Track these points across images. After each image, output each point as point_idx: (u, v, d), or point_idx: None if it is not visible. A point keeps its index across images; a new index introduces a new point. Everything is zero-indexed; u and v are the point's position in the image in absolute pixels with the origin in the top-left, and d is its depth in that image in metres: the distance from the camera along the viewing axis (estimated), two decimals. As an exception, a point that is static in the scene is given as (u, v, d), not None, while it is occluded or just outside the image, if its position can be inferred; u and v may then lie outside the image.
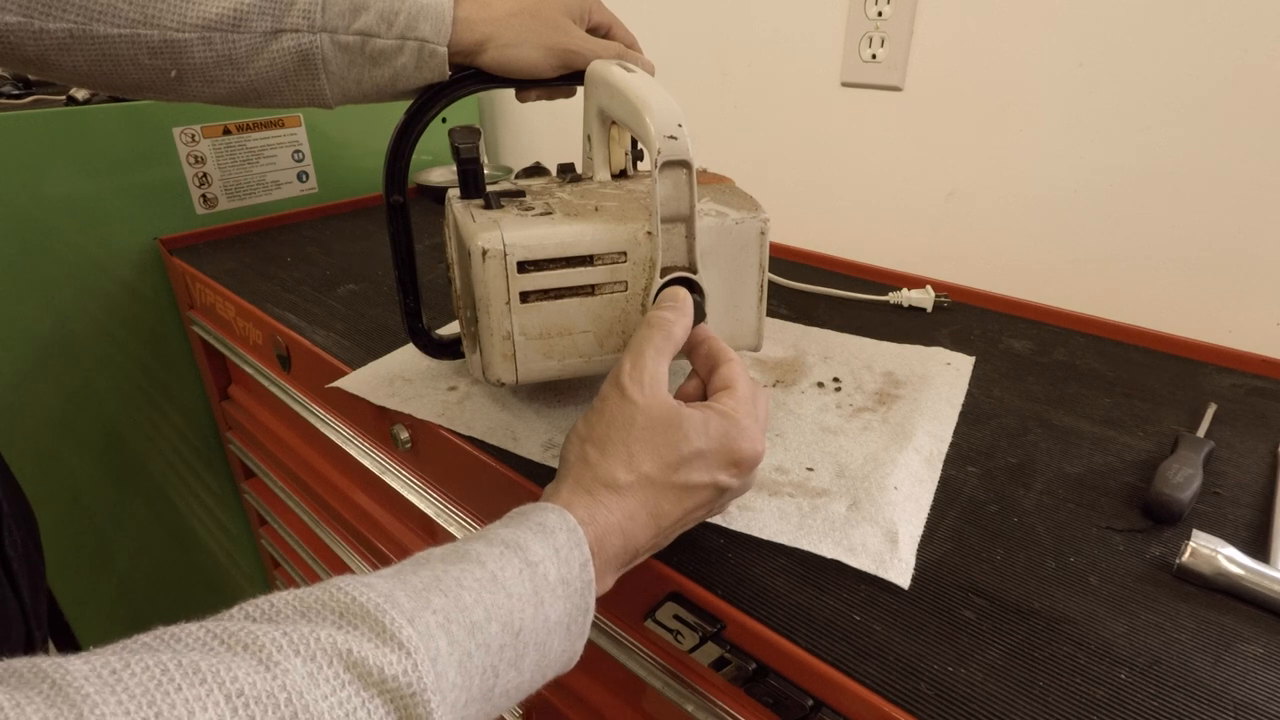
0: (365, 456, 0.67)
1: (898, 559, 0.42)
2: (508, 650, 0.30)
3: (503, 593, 0.30)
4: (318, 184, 1.12)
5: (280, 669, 0.22)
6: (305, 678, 0.23)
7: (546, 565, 0.32)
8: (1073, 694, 0.34)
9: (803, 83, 0.91)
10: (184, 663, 0.21)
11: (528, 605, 0.31)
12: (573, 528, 0.34)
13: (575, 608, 0.33)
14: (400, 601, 0.26)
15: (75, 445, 0.98)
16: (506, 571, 0.31)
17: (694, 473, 0.37)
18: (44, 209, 0.88)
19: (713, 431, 0.38)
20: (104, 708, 0.19)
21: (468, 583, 0.29)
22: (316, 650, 0.24)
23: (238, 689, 0.21)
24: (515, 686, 0.31)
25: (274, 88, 0.47)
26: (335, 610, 0.26)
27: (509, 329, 0.45)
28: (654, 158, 0.41)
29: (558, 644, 0.33)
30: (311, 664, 0.23)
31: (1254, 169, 0.65)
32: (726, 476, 0.38)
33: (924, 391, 0.59)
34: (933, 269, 0.83)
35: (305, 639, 0.24)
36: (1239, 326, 0.70)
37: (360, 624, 0.25)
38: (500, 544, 0.32)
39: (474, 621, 0.28)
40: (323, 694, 0.23)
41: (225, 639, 0.23)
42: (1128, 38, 0.68)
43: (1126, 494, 0.48)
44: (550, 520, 0.34)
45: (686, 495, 0.38)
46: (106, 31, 0.42)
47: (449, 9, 0.47)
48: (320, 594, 0.26)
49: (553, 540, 0.33)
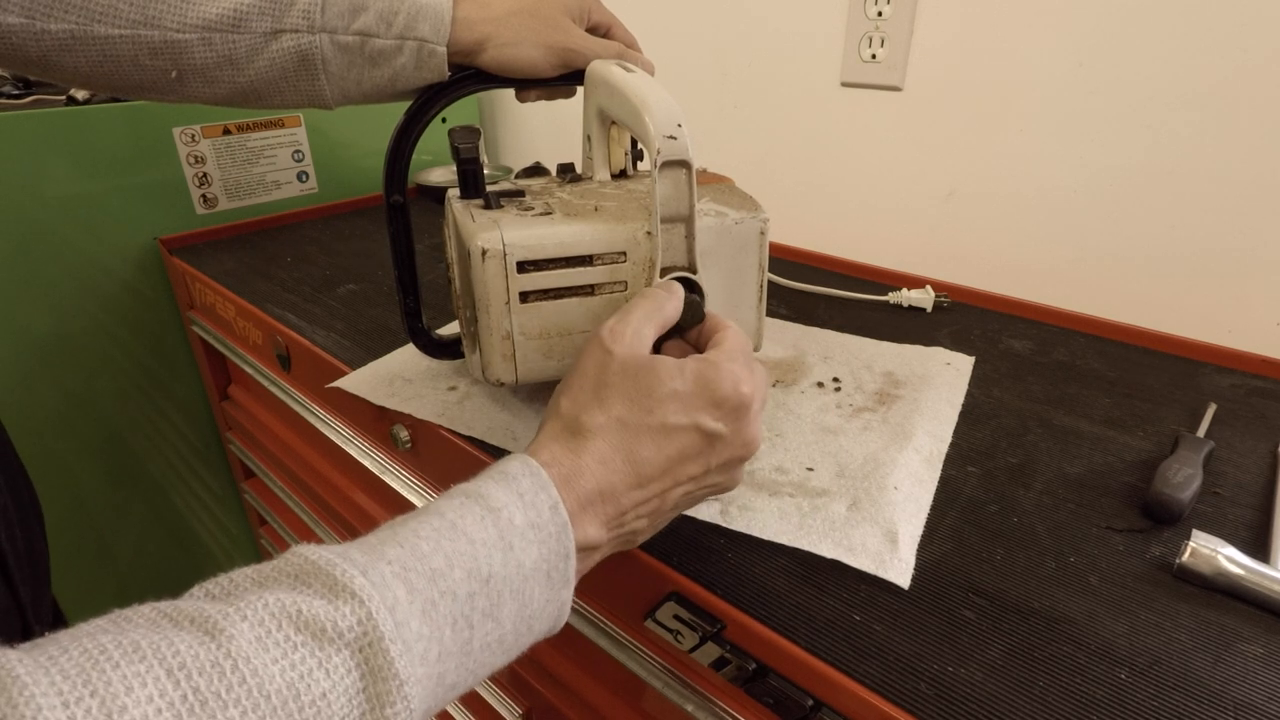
0: (365, 456, 0.67)
1: (898, 559, 0.42)
2: (479, 598, 0.29)
3: (464, 539, 0.29)
4: (318, 184, 1.12)
5: (225, 636, 0.22)
6: (253, 642, 0.22)
7: (511, 510, 0.31)
8: (1073, 694, 0.34)
9: (802, 83, 0.91)
10: (124, 641, 0.21)
11: (495, 551, 0.29)
12: (535, 471, 0.32)
13: (552, 552, 0.31)
14: (353, 555, 0.26)
15: (75, 445, 0.98)
16: (466, 519, 0.30)
17: (670, 414, 0.36)
18: (44, 209, 0.88)
19: (689, 373, 0.36)
20: (34, 689, 0.19)
21: (425, 532, 0.29)
22: (265, 615, 0.23)
23: (179, 661, 0.21)
24: (498, 640, 0.30)
25: (274, 88, 0.47)
26: (289, 574, 0.25)
27: (508, 329, 0.45)
28: (653, 158, 0.41)
29: (539, 592, 0.31)
30: (260, 628, 0.23)
31: (1254, 169, 0.65)
32: (710, 420, 0.36)
33: (924, 391, 0.59)
34: (933, 269, 0.83)
35: (253, 605, 0.23)
36: (1239, 326, 0.70)
37: (313, 581, 0.25)
38: (460, 495, 0.31)
39: (434, 569, 0.27)
40: (272, 657, 0.22)
41: (173, 615, 0.23)
42: (1127, 37, 0.68)
43: (1126, 494, 0.48)
44: (512, 467, 0.33)
45: (666, 439, 0.36)
46: (107, 32, 0.42)
47: (448, 9, 0.47)
48: (277, 562, 0.26)
49: (515, 485, 0.32)
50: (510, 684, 0.62)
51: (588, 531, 0.34)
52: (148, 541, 1.09)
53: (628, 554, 0.43)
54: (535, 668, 0.58)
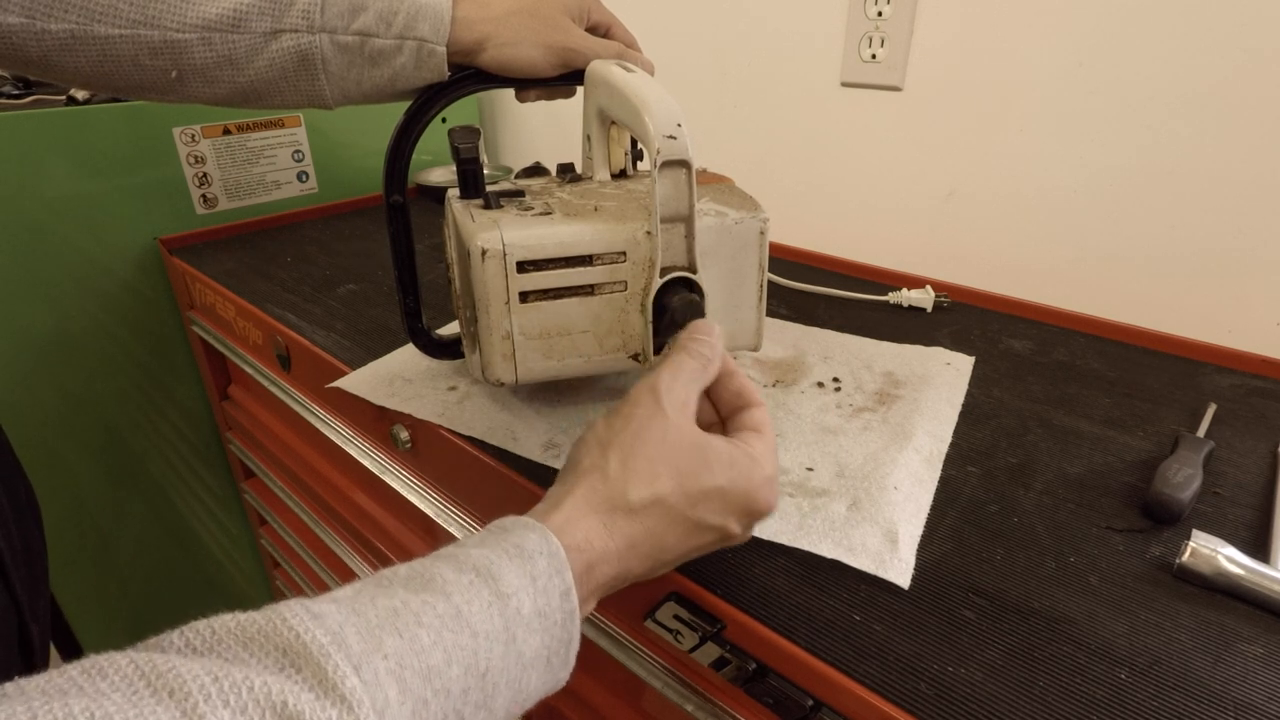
0: (365, 456, 0.67)
1: (898, 559, 0.42)
2: (473, 693, 0.27)
3: (467, 632, 0.28)
4: (318, 184, 1.12)
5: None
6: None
7: (520, 597, 0.29)
8: (1073, 694, 0.34)
9: (802, 83, 0.91)
10: (97, 714, 0.20)
11: (496, 644, 0.28)
12: (554, 551, 0.31)
13: (555, 640, 0.30)
14: (348, 643, 0.25)
15: (75, 445, 0.98)
16: (473, 605, 0.28)
17: (710, 512, 0.35)
18: (44, 209, 0.88)
19: (738, 472, 0.36)
20: None
21: (427, 619, 0.27)
22: (249, 701, 0.22)
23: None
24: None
25: (274, 88, 0.47)
26: (278, 647, 0.24)
27: (508, 329, 0.45)
28: (653, 157, 0.41)
29: (535, 679, 0.30)
30: (242, 717, 0.21)
31: (1254, 169, 0.65)
32: (736, 525, 0.36)
33: (924, 391, 0.59)
34: (933, 269, 0.83)
35: (237, 685, 0.22)
36: (1239, 326, 0.70)
37: (303, 667, 0.23)
38: (471, 571, 0.29)
39: (431, 666, 0.26)
40: None
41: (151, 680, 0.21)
42: (1128, 37, 0.68)
43: (1126, 494, 0.48)
44: (530, 543, 0.31)
45: (694, 533, 0.35)
46: (107, 32, 0.42)
47: (448, 9, 0.47)
48: (264, 623, 0.24)
49: (530, 567, 0.30)
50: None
51: (589, 607, 0.34)
52: (148, 541, 1.09)
53: (628, 554, 0.43)
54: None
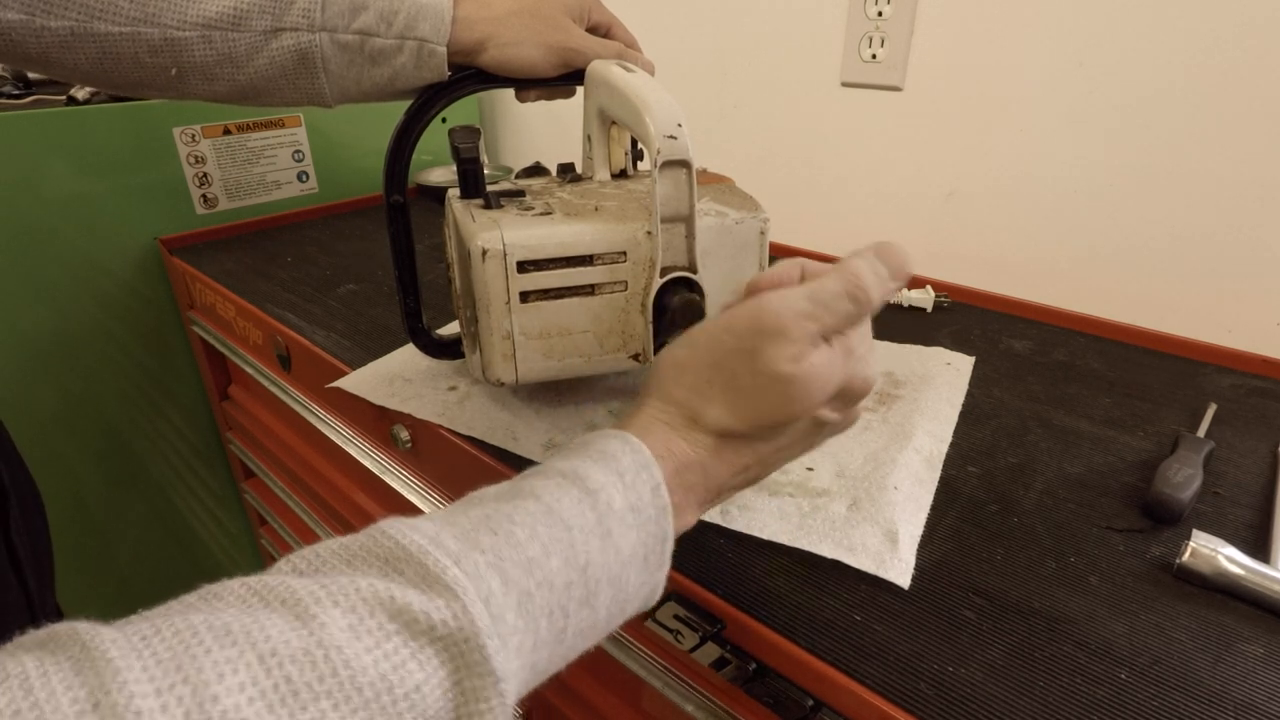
0: (365, 456, 0.67)
1: (898, 559, 0.42)
2: (575, 588, 0.27)
3: (560, 525, 0.28)
4: (318, 184, 1.12)
5: (318, 623, 0.21)
6: (345, 630, 0.22)
7: (610, 492, 0.29)
8: (1073, 694, 0.34)
9: (803, 83, 0.91)
10: (215, 624, 0.20)
11: (592, 537, 0.28)
12: (638, 450, 0.31)
13: (650, 535, 0.30)
14: (446, 543, 0.25)
15: (75, 445, 0.98)
16: (564, 502, 0.28)
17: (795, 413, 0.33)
18: (44, 209, 0.88)
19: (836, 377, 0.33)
20: (127, 674, 0.19)
21: (520, 518, 0.27)
22: (357, 601, 0.22)
23: (270, 648, 0.20)
24: (590, 625, 0.29)
25: (273, 86, 0.47)
26: (379, 556, 0.24)
27: (509, 329, 0.45)
28: (654, 157, 0.41)
29: (634, 577, 0.30)
30: (352, 615, 0.22)
31: (1254, 169, 0.65)
32: (828, 411, 0.34)
33: (924, 391, 0.59)
34: (933, 269, 0.83)
35: (345, 590, 0.22)
36: (1239, 326, 0.70)
37: (405, 568, 0.24)
38: (557, 475, 0.30)
39: (530, 558, 0.26)
40: (365, 647, 0.22)
41: (264, 594, 0.22)
42: (1128, 37, 0.68)
43: (1126, 494, 0.48)
44: (612, 446, 0.31)
45: (781, 433, 0.34)
46: (107, 29, 0.42)
47: (448, 8, 0.47)
48: (365, 540, 0.25)
49: (615, 465, 0.30)
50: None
51: (686, 518, 0.33)
52: (148, 541, 1.09)
53: (628, 554, 0.43)
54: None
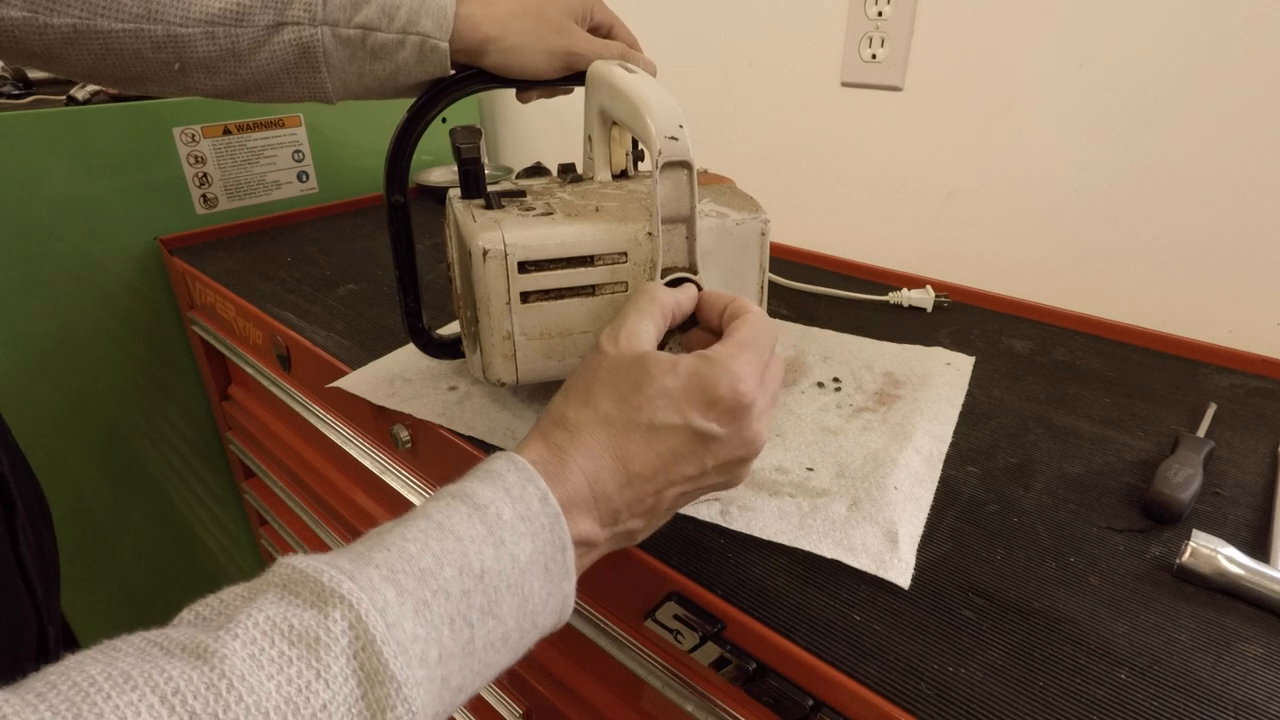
0: (365, 456, 0.67)
1: (898, 559, 0.42)
2: (474, 595, 0.28)
3: (451, 537, 0.28)
4: (318, 184, 1.12)
5: (217, 658, 0.21)
6: (246, 661, 0.22)
7: (499, 505, 0.30)
8: (1073, 694, 0.34)
9: (803, 83, 0.91)
10: (114, 672, 0.20)
11: (485, 546, 0.29)
12: (522, 467, 0.32)
13: (547, 544, 0.31)
14: (340, 564, 0.26)
15: (75, 446, 0.98)
16: (453, 518, 0.29)
17: (658, 410, 0.34)
18: (44, 209, 0.88)
19: (682, 370, 0.35)
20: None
21: (411, 534, 0.28)
22: (256, 632, 0.22)
23: (173, 687, 0.20)
24: (501, 637, 0.29)
25: (275, 81, 0.47)
26: (277, 584, 0.25)
27: (509, 329, 0.45)
28: (655, 158, 0.41)
29: (538, 586, 0.30)
30: (252, 646, 0.22)
31: (1254, 169, 0.65)
32: (702, 420, 0.34)
33: (924, 391, 0.59)
34: (933, 269, 0.83)
35: (243, 623, 0.23)
36: (1239, 326, 0.70)
37: (301, 590, 0.24)
38: (445, 496, 0.31)
39: (423, 569, 0.27)
40: (268, 674, 0.22)
41: (163, 644, 0.22)
42: (1128, 38, 0.68)
43: (1126, 494, 0.48)
44: (496, 466, 0.32)
45: (655, 437, 0.34)
46: (110, 26, 0.42)
47: (451, 5, 0.47)
48: (265, 574, 0.26)
49: (501, 482, 0.31)
50: (510, 684, 0.62)
51: (580, 526, 0.33)
52: (148, 541, 1.09)
53: (627, 553, 0.43)
54: (535, 668, 0.58)
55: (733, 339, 0.37)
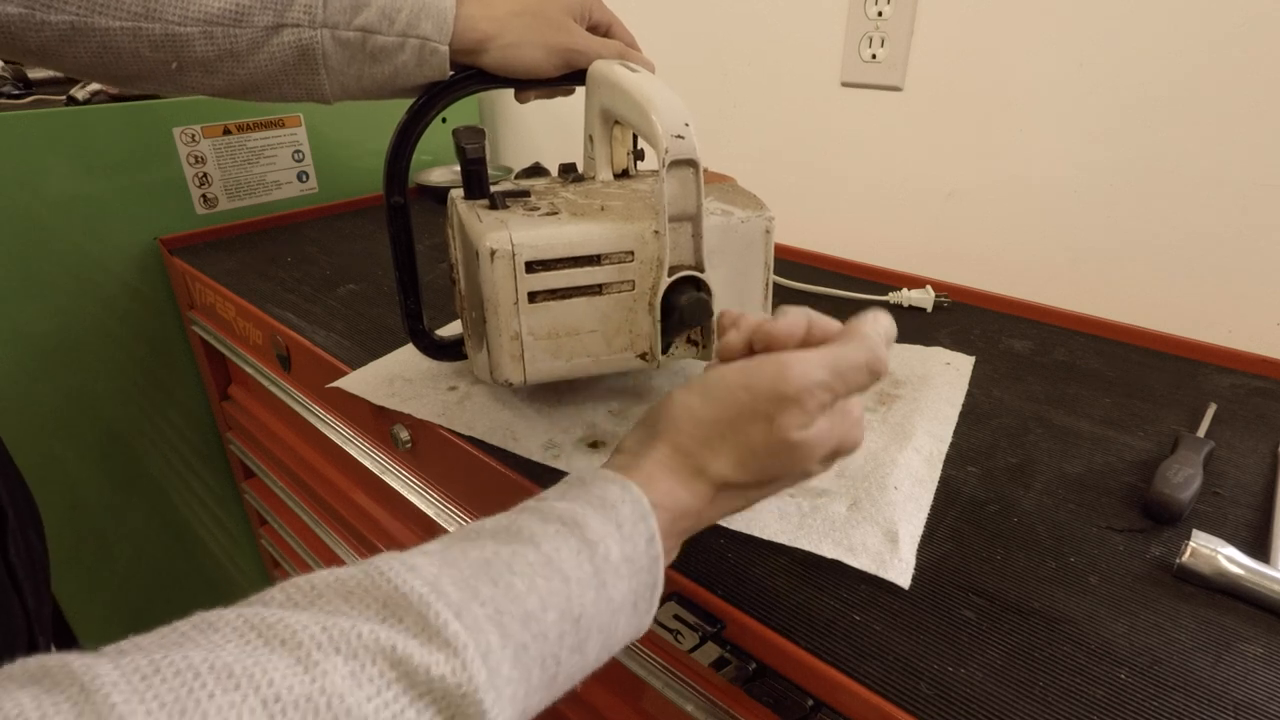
0: (365, 456, 0.67)
1: (898, 559, 0.42)
2: (568, 638, 0.28)
3: (559, 578, 0.28)
4: (318, 184, 1.12)
5: (320, 670, 0.21)
6: (347, 678, 0.22)
7: (608, 544, 0.30)
8: (1073, 694, 0.35)
9: (803, 83, 0.92)
10: (216, 664, 0.20)
11: (588, 589, 0.29)
12: (638, 499, 0.31)
13: (642, 584, 0.31)
14: (446, 591, 0.25)
15: (75, 446, 0.98)
16: (562, 553, 0.29)
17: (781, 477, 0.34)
18: (44, 209, 0.87)
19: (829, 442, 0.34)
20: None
21: (519, 568, 0.28)
22: (359, 648, 0.22)
23: (274, 693, 0.20)
24: (579, 669, 0.30)
25: (273, 82, 0.47)
26: (378, 599, 0.24)
27: (517, 329, 0.45)
28: (661, 157, 0.41)
29: (624, 622, 0.31)
30: (354, 662, 0.22)
31: (1254, 169, 0.65)
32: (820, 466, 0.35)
33: (924, 391, 0.59)
34: (933, 269, 0.83)
35: (346, 635, 0.23)
36: (1239, 326, 0.70)
37: (405, 616, 0.24)
38: (556, 521, 0.30)
39: (528, 612, 0.27)
40: (366, 696, 0.22)
41: (263, 631, 0.22)
42: (1128, 38, 0.68)
43: (1126, 494, 0.48)
44: (612, 494, 0.31)
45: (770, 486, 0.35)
46: (108, 24, 0.42)
47: (451, 8, 0.47)
48: (362, 578, 0.25)
49: (615, 515, 0.31)
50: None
51: (672, 556, 0.34)
52: (148, 542, 1.09)
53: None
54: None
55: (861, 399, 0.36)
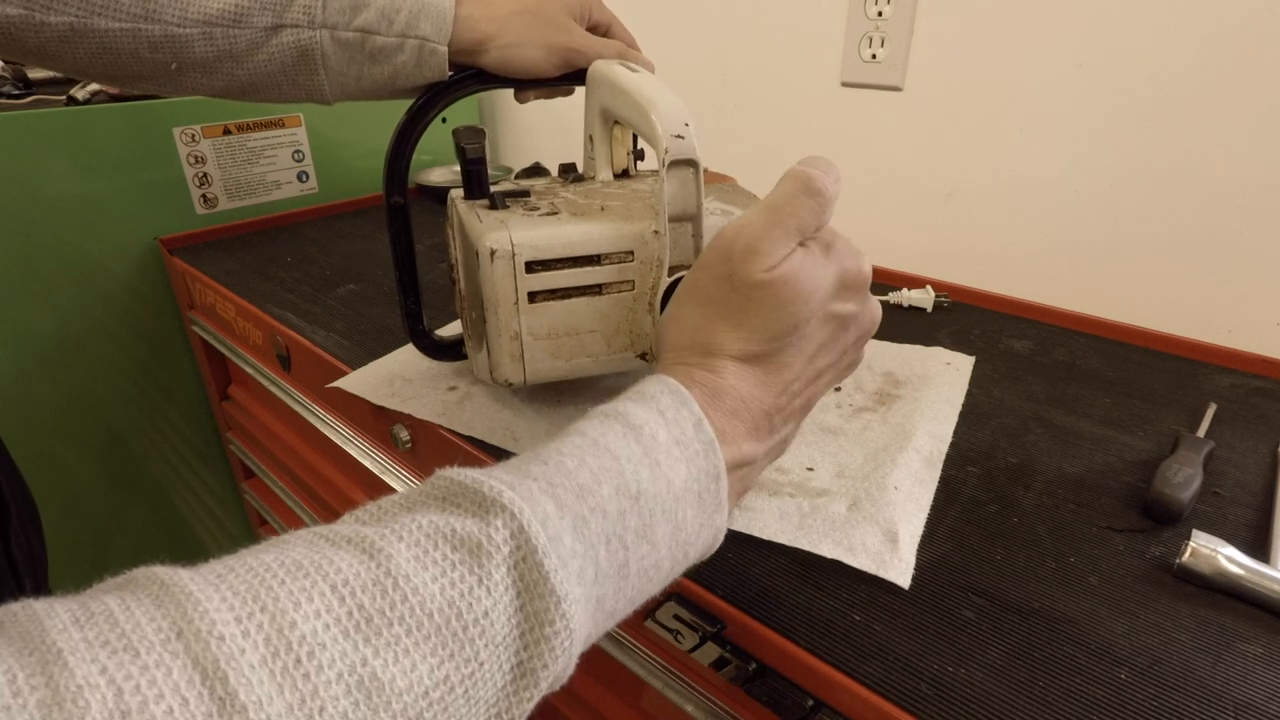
0: (365, 456, 0.67)
1: (898, 559, 0.42)
2: (630, 516, 0.27)
3: (608, 455, 0.28)
4: (318, 184, 1.12)
5: (384, 555, 0.22)
6: (411, 561, 0.22)
7: (653, 427, 0.29)
8: (1073, 694, 0.35)
9: (803, 83, 0.92)
10: (286, 560, 0.21)
11: (641, 467, 0.28)
12: (675, 389, 0.31)
13: (701, 471, 0.30)
14: (498, 474, 0.26)
15: (75, 445, 0.98)
16: (609, 436, 0.29)
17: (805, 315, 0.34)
18: (44, 209, 0.88)
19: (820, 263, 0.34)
20: (207, 604, 0.19)
21: (567, 450, 0.28)
22: (420, 535, 0.23)
23: (342, 579, 0.21)
24: (654, 564, 0.29)
25: (272, 82, 0.47)
26: (437, 496, 0.25)
27: (517, 329, 0.45)
28: (661, 157, 0.41)
29: (691, 514, 0.30)
30: (416, 548, 0.23)
31: (1254, 169, 0.65)
32: (841, 305, 0.35)
33: (924, 391, 0.59)
34: (933, 269, 0.83)
35: (408, 526, 0.23)
36: (1239, 326, 0.70)
37: (462, 500, 0.25)
38: (599, 415, 0.30)
39: (581, 484, 0.27)
40: (432, 575, 0.22)
41: (330, 537, 0.23)
42: (1127, 37, 0.68)
43: (1126, 494, 0.48)
44: (650, 387, 0.31)
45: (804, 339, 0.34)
46: (107, 26, 0.42)
47: (450, 8, 0.47)
48: (423, 487, 0.26)
49: (655, 404, 0.30)
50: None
51: (741, 447, 0.32)
52: (148, 542, 1.09)
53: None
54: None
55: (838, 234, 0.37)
